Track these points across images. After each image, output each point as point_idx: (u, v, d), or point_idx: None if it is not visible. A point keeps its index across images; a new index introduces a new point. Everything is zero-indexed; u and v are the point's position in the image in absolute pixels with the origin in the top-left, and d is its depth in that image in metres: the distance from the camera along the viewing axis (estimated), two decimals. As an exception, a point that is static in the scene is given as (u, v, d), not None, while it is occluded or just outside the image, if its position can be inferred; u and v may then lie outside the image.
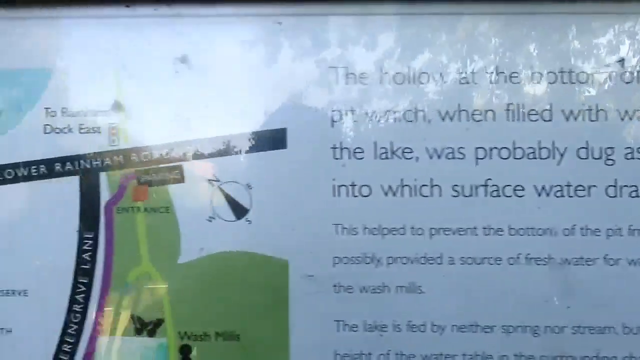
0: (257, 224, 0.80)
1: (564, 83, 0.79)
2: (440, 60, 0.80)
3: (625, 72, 0.79)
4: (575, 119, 0.79)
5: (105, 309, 0.81)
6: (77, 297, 0.80)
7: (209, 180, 0.81)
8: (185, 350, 0.80)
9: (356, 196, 0.79)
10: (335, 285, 0.80)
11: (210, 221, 0.80)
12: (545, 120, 0.79)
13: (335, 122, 0.80)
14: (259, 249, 0.80)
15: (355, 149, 0.79)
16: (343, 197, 0.80)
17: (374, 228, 0.79)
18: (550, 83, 0.79)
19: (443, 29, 0.80)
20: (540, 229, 0.78)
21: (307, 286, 0.80)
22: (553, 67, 0.79)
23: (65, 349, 0.80)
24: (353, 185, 0.79)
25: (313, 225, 0.80)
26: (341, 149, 0.80)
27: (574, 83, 0.79)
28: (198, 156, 0.81)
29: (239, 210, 0.80)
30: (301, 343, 0.80)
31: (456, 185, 0.79)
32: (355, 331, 0.80)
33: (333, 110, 0.80)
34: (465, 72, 0.79)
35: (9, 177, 0.81)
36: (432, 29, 0.80)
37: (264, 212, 0.80)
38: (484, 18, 0.80)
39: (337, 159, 0.80)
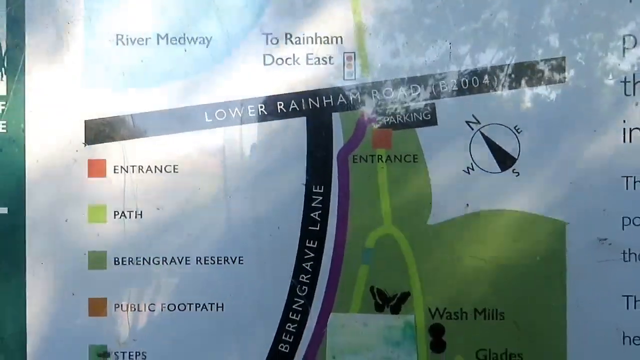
0: (527, 176, 0.65)
1: None
2: None
3: None
4: None
5: (339, 279, 0.66)
6: (303, 265, 0.66)
7: (468, 122, 0.65)
8: (436, 331, 0.66)
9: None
10: (624, 253, 0.64)
11: (468, 173, 0.65)
12: None
13: (628, 49, 0.64)
14: (529, 207, 0.65)
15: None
16: (637, 144, 0.64)
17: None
18: None
19: None
20: None
21: (590, 253, 0.65)
22: None
23: (289, 329, 0.66)
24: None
25: (599, 178, 0.64)
26: (634, 83, 0.64)
27: None
28: (454, 92, 0.65)
29: (505, 160, 0.65)
30: (581, 322, 0.65)
31: None
32: (649, 309, 0.65)
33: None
34: None
35: (220, 118, 0.66)
36: None
37: (535, 161, 0.65)
38: None
39: (628, 95, 0.64)
